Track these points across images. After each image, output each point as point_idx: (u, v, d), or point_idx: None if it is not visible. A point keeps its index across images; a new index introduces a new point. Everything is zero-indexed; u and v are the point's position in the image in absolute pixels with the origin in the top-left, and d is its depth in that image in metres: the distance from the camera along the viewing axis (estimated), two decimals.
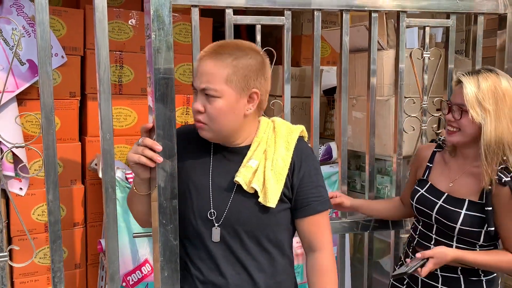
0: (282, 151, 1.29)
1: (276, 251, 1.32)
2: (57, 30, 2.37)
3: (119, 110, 2.54)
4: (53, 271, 1.20)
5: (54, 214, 1.18)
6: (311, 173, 1.31)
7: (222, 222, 1.28)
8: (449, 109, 1.56)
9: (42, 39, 1.13)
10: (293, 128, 1.35)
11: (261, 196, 1.25)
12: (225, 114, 1.22)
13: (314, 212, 1.30)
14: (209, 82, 1.20)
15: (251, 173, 1.26)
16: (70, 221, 2.48)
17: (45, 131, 1.16)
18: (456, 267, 1.57)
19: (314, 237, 1.32)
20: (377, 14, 1.86)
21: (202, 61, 1.22)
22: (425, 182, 1.67)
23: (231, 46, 1.24)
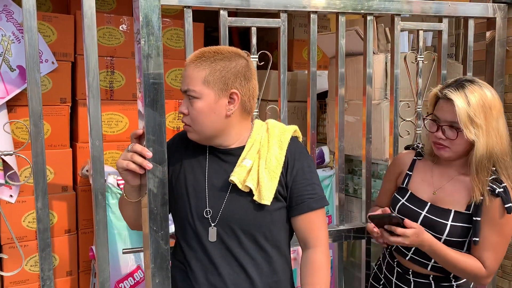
0: (276, 150, 1.31)
1: (273, 250, 1.32)
2: (47, 36, 2.36)
3: (110, 115, 2.53)
4: (43, 280, 1.18)
5: (43, 222, 1.17)
6: (305, 171, 1.32)
7: (218, 221, 1.29)
8: (438, 127, 1.50)
9: (31, 46, 1.11)
10: (287, 128, 1.37)
11: (255, 194, 1.27)
12: (205, 114, 1.25)
13: (309, 210, 1.31)
14: (190, 84, 1.25)
15: (246, 172, 1.28)
16: (61, 228, 2.45)
17: (34, 138, 1.14)
18: (429, 274, 1.56)
19: (310, 235, 1.32)
20: (372, 17, 1.86)
21: (186, 67, 1.28)
22: (405, 191, 1.62)
23: (212, 51, 1.28)
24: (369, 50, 1.89)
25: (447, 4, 1.92)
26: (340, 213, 1.93)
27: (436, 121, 1.51)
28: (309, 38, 1.81)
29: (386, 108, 2.44)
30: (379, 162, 2.56)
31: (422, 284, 1.57)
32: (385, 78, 2.46)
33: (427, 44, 2.63)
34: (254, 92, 1.32)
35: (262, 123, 1.39)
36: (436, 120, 1.51)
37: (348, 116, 2.59)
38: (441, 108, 1.50)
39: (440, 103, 1.51)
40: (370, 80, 1.90)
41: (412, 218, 1.53)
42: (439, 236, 1.50)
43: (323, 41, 2.67)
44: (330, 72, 2.80)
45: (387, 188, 1.74)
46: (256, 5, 1.67)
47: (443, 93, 1.49)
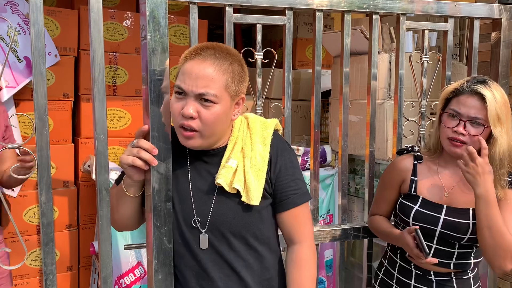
0: (259, 148, 1.28)
1: (263, 248, 1.31)
2: (51, 31, 2.35)
3: (113, 111, 2.53)
4: (45, 274, 1.18)
5: (47, 216, 1.16)
6: (287, 166, 1.30)
7: (208, 227, 1.26)
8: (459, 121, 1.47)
9: (37, 39, 1.11)
10: (268, 123, 1.34)
11: (243, 195, 1.24)
12: (220, 120, 1.20)
13: (294, 205, 1.30)
14: (208, 87, 1.15)
15: (232, 174, 1.24)
16: (62, 223, 2.45)
17: (39, 132, 1.14)
18: (450, 272, 1.57)
19: (295, 230, 1.31)
20: (378, 16, 1.85)
21: (197, 63, 1.17)
22: (415, 197, 1.59)
23: (222, 50, 1.21)
24: (374, 50, 1.88)
25: (452, 4, 1.91)
26: (342, 213, 1.93)
27: (455, 116, 1.48)
28: (314, 36, 1.80)
29: (389, 108, 2.43)
30: (381, 162, 2.55)
31: (444, 281, 1.58)
32: (388, 77, 2.45)
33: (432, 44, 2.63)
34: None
35: (242, 118, 1.34)
36: (456, 115, 1.48)
37: (351, 115, 2.59)
38: (464, 102, 1.47)
39: (462, 98, 1.48)
40: (375, 80, 1.90)
41: (431, 223, 1.53)
42: (463, 236, 1.50)
43: (327, 40, 2.67)
44: (334, 71, 2.80)
45: (387, 196, 1.69)
46: (261, 2, 1.65)
47: (470, 87, 1.47)
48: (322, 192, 2.70)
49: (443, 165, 1.60)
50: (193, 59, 1.18)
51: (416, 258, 1.52)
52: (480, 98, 1.45)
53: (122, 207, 1.29)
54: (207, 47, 1.20)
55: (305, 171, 2.51)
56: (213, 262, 1.26)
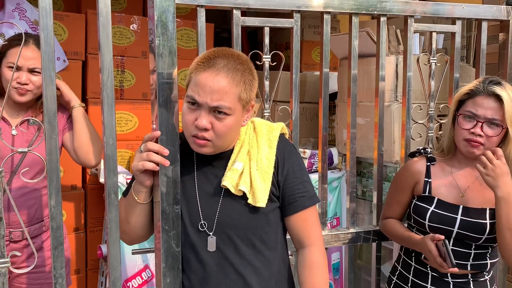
0: (265, 150, 1.28)
1: (270, 253, 1.30)
2: (58, 35, 2.37)
3: (120, 114, 2.54)
4: (55, 278, 1.18)
5: (56, 220, 1.17)
6: (295, 169, 1.30)
7: (215, 230, 1.26)
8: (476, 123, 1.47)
9: (46, 44, 1.11)
10: (274, 126, 1.34)
11: (250, 197, 1.24)
12: (232, 130, 1.22)
13: (302, 208, 1.29)
14: (222, 100, 1.16)
15: (238, 176, 1.24)
16: (70, 226, 2.46)
17: (48, 136, 1.14)
18: (467, 274, 1.56)
19: (304, 233, 1.31)
20: (385, 18, 1.84)
21: (211, 77, 1.16)
22: (430, 198, 1.58)
23: (234, 59, 1.20)
24: (382, 52, 1.88)
25: (460, 6, 1.90)
26: (351, 216, 1.92)
27: (472, 117, 1.49)
28: (322, 39, 1.80)
29: (396, 110, 2.43)
30: (388, 164, 2.54)
31: (462, 283, 1.57)
32: (395, 80, 2.44)
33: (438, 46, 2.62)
34: None
35: (248, 122, 1.34)
36: (473, 116, 1.48)
37: (358, 117, 2.58)
38: (481, 104, 1.48)
39: (479, 99, 1.49)
40: (383, 82, 1.89)
41: (447, 224, 1.52)
42: (480, 236, 1.50)
43: (333, 42, 2.66)
44: (340, 73, 2.79)
45: (400, 199, 1.68)
46: (269, 5, 1.64)
47: (487, 89, 1.47)
48: (329, 195, 2.69)
49: (457, 165, 1.60)
50: (206, 70, 1.17)
51: (438, 266, 1.49)
52: (496, 99, 1.46)
53: (132, 216, 1.29)
54: (219, 56, 1.20)
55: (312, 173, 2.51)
56: (219, 266, 1.26)
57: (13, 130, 1.74)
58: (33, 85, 1.75)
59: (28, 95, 1.76)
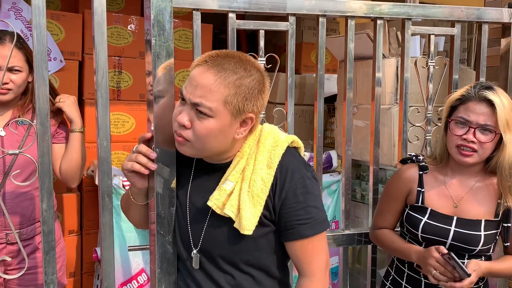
0: (263, 170, 1.14)
1: (260, 274, 1.20)
2: (55, 35, 2.34)
3: (117, 116, 2.51)
4: (46, 284, 1.15)
5: (48, 224, 1.14)
6: (297, 192, 1.14)
7: (200, 247, 1.19)
8: (468, 129, 1.43)
9: (39, 42, 1.09)
10: (280, 141, 1.17)
11: (236, 221, 1.12)
12: (214, 135, 1.09)
13: (301, 237, 1.15)
14: (204, 97, 1.06)
15: (225, 197, 1.13)
16: (65, 229, 2.43)
17: (40, 138, 1.12)
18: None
19: (303, 263, 1.18)
20: (382, 21, 1.83)
21: (200, 71, 1.08)
22: (423, 209, 1.54)
23: (236, 61, 1.09)
24: (379, 55, 1.86)
25: (460, 9, 1.88)
26: (346, 218, 1.90)
27: (464, 123, 1.45)
28: (317, 42, 1.79)
29: (396, 113, 2.40)
30: (387, 168, 2.52)
31: None
32: (396, 82, 2.42)
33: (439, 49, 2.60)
34: (264, 107, 1.17)
35: (258, 130, 1.20)
36: (465, 122, 1.45)
37: (357, 120, 2.56)
38: (473, 109, 1.44)
39: (471, 105, 1.45)
40: (379, 85, 1.87)
41: (441, 235, 1.49)
42: (474, 247, 1.47)
43: (333, 44, 2.64)
44: (340, 75, 2.77)
45: (393, 208, 1.62)
46: (264, 8, 1.64)
47: (478, 94, 1.44)
48: (328, 198, 2.66)
49: (450, 174, 1.56)
50: (200, 66, 1.09)
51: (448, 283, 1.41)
52: (488, 104, 1.43)
53: (132, 213, 1.31)
54: (219, 55, 1.10)
55: None
56: (206, 282, 1.20)
57: (1, 131, 1.70)
58: (13, 83, 1.71)
59: (10, 94, 1.72)
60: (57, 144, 1.86)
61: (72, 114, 1.81)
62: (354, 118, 2.56)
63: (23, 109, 1.77)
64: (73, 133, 1.84)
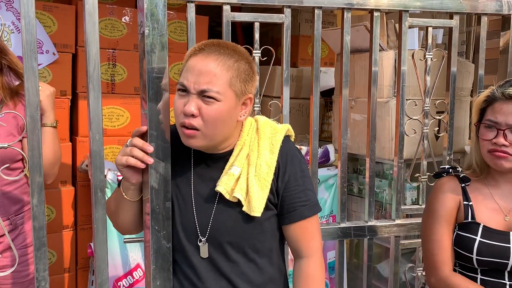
0: (266, 155, 1.21)
1: (263, 261, 1.24)
2: (47, 27, 2.30)
3: (111, 109, 2.48)
4: (37, 281, 1.13)
5: (39, 220, 1.11)
6: (297, 176, 1.23)
7: (208, 236, 1.21)
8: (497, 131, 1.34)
9: (28, 33, 1.05)
10: (278, 129, 1.26)
11: (245, 205, 1.18)
12: (223, 119, 1.13)
13: (302, 218, 1.23)
14: (211, 83, 1.10)
15: (233, 181, 1.18)
16: (59, 224, 2.41)
17: (30, 132, 1.08)
18: None
19: (302, 244, 1.25)
20: (379, 13, 1.81)
21: (200, 59, 1.12)
22: (474, 226, 1.37)
23: (228, 47, 1.16)
24: (375, 48, 1.84)
25: (458, 0, 1.86)
26: (342, 211, 1.88)
27: (492, 126, 1.36)
28: (313, 34, 1.76)
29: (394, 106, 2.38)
30: (385, 161, 2.50)
31: None
32: (394, 75, 2.40)
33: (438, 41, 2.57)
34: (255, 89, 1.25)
35: (252, 121, 1.27)
36: (493, 125, 1.36)
37: (355, 114, 2.54)
38: (500, 110, 1.35)
39: (497, 106, 1.36)
40: (375, 78, 1.85)
41: (500, 256, 1.33)
42: None
43: (330, 36, 2.61)
44: (337, 68, 2.74)
45: (448, 230, 1.41)
46: (258, 0, 1.62)
47: (504, 93, 1.35)
48: (325, 193, 2.65)
49: (494, 184, 1.43)
50: (196, 55, 1.14)
51: None
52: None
53: (121, 211, 1.25)
54: (212, 43, 1.16)
55: None
56: (209, 273, 1.21)
57: None
58: None
59: None
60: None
61: (47, 106, 1.71)
62: (352, 112, 2.54)
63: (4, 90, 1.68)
64: (45, 127, 1.72)
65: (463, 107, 2.56)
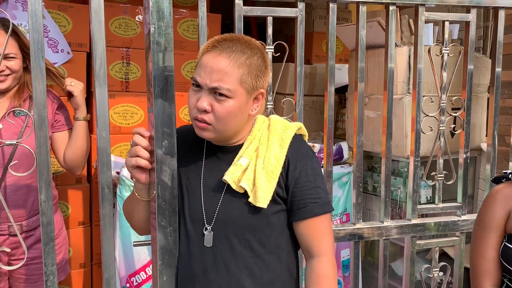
0: (276, 149, 1.21)
1: (271, 258, 1.22)
2: (62, 26, 2.34)
3: (125, 107, 2.50)
4: (46, 275, 1.15)
5: (47, 215, 1.13)
6: (308, 173, 1.22)
7: (213, 225, 1.21)
8: None
9: (35, 31, 1.07)
10: (290, 126, 1.27)
11: (251, 195, 1.18)
12: (234, 115, 1.16)
13: (312, 215, 1.21)
14: (222, 81, 1.13)
15: (241, 172, 1.19)
16: (75, 220, 2.45)
17: (38, 129, 1.10)
18: None
19: (312, 242, 1.22)
20: (395, 7, 1.77)
21: (212, 57, 1.14)
22: None
23: (242, 43, 1.17)
24: (391, 42, 1.80)
25: None
26: (357, 212, 1.86)
27: None
28: (328, 29, 1.73)
29: (408, 103, 2.34)
30: (400, 159, 2.46)
31: None
32: (408, 71, 2.36)
33: (454, 37, 2.52)
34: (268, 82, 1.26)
35: (265, 119, 1.29)
36: None
37: (369, 111, 2.51)
38: None
39: None
40: (391, 74, 1.81)
41: None
42: None
43: (344, 33, 2.58)
44: (351, 65, 2.71)
45: (496, 241, 1.32)
46: None
47: None
48: (338, 190, 2.62)
49: None
50: (209, 51, 1.16)
51: None
52: None
53: (136, 212, 1.28)
54: (225, 39, 1.17)
55: None
56: (212, 264, 1.20)
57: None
58: (9, 69, 1.71)
59: (8, 80, 1.72)
60: (58, 132, 1.85)
61: (80, 101, 1.83)
62: (365, 109, 2.51)
63: (19, 99, 1.76)
64: (78, 121, 1.83)
65: (480, 103, 2.50)
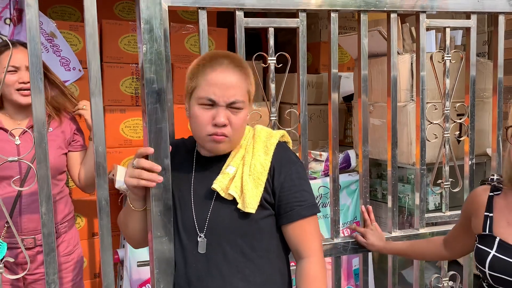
0: (261, 156, 1.27)
1: (262, 261, 1.27)
2: (74, 45, 2.44)
3: (135, 121, 2.58)
4: (48, 284, 1.20)
5: (48, 227, 1.19)
6: (293, 177, 1.27)
7: (205, 233, 1.25)
8: None
9: (33, 55, 1.14)
10: (273, 133, 1.34)
11: (239, 202, 1.22)
12: (244, 123, 1.27)
13: (298, 218, 1.26)
14: (237, 95, 1.22)
15: (228, 180, 1.25)
16: (89, 232, 2.52)
17: (38, 145, 1.17)
18: None
19: (302, 244, 1.27)
20: (396, 15, 1.77)
21: (223, 74, 1.21)
22: (490, 239, 1.28)
23: (235, 58, 1.28)
24: (393, 50, 1.80)
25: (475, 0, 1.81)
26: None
27: None
28: (329, 38, 1.75)
29: (412, 110, 2.34)
30: (406, 166, 2.46)
31: None
32: (411, 79, 2.36)
33: (457, 43, 2.51)
34: None
35: (250, 128, 1.36)
36: None
37: (374, 119, 2.51)
38: None
39: None
40: (395, 82, 1.81)
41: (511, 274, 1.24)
42: None
43: (348, 42, 2.61)
44: (355, 74, 2.73)
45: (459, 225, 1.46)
46: (273, 5, 1.57)
47: None
48: (347, 199, 2.63)
49: None
50: (215, 70, 1.22)
51: None
52: None
53: (131, 222, 1.33)
54: (221, 56, 1.26)
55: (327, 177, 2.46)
56: (206, 270, 1.24)
57: (17, 140, 1.77)
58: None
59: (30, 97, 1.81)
60: (74, 152, 1.93)
61: None
62: (371, 117, 2.52)
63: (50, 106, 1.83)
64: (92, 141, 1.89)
65: (486, 108, 2.47)
